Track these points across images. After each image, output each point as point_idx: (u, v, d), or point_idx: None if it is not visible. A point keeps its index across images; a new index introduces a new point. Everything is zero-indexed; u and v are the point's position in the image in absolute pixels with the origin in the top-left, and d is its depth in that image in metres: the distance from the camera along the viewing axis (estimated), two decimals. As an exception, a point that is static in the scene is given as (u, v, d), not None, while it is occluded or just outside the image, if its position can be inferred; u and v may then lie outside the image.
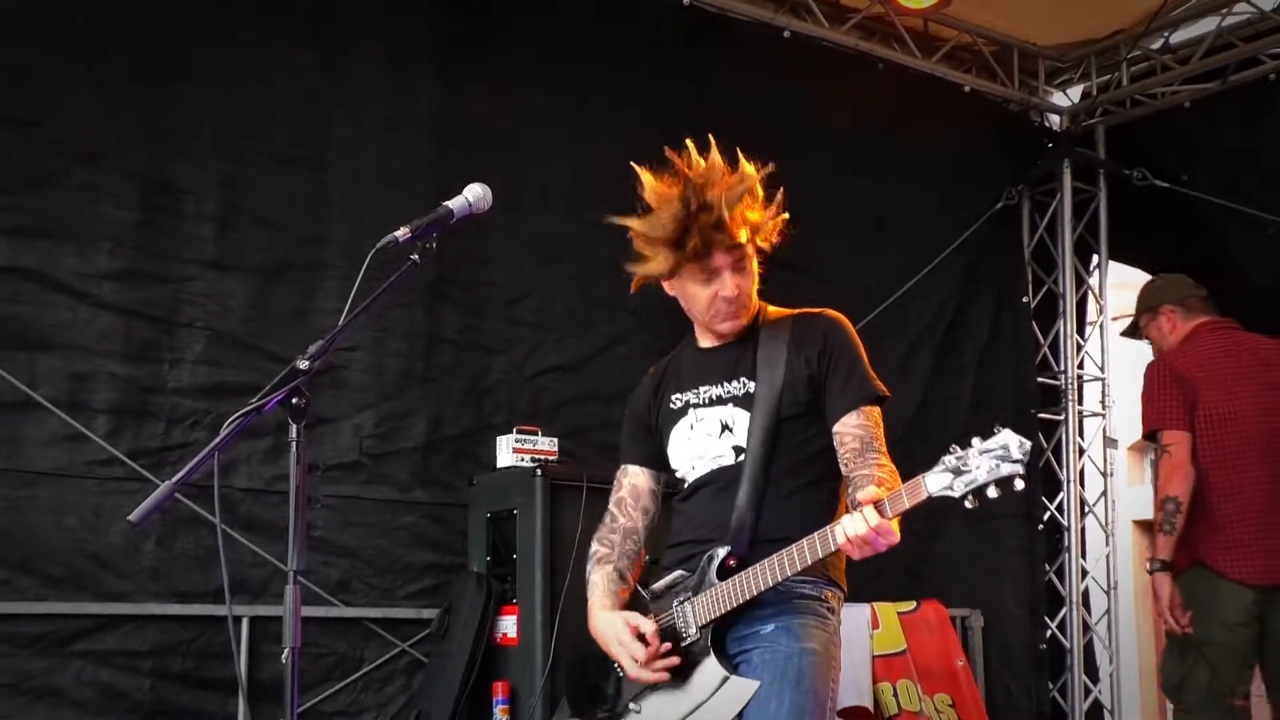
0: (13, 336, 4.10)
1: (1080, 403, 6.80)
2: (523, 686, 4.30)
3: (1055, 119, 6.93)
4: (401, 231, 2.44)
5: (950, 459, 2.31)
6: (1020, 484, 2.28)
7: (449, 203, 2.54)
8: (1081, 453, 6.74)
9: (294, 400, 2.27)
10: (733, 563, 2.63)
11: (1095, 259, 6.91)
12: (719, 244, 2.66)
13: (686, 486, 2.82)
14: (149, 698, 4.16)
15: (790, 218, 2.76)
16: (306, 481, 2.28)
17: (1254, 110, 6.14)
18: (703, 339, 2.88)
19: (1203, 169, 6.33)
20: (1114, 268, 6.95)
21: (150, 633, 4.20)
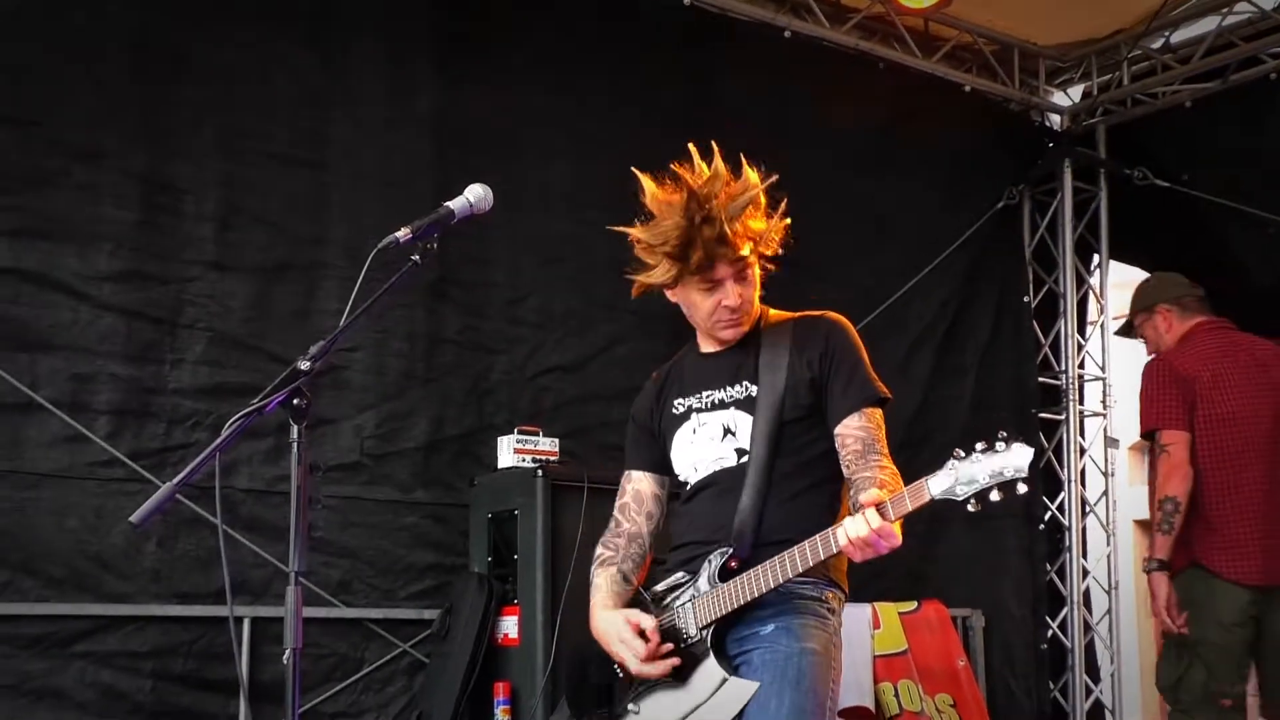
0: (13, 338, 4.10)
1: (1081, 402, 6.79)
2: (524, 687, 4.30)
3: (1056, 119, 6.93)
4: (402, 232, 2.43)
5: (954, 462, 2.32)
6: (1023, 488, 2.29)
7: (450, 203, 2.54)
8: (1082, 453, 6.74)
9: (295, 401, 2.27)
10: (734, 565, 2.63)
11: (1096, 259, 6.91)
12: (722, 257, 2.65)
13: (689, 489, 2.82)
14: (150, 699, 4.16)
15: (790, 218, 2.76)
16: (308, 482, 2.28)
17: (1255, 110, 6.14)
18: (705, 344, 2.88)
19: (1203, 168, 6.32)
20: (1115, 267, 6.95)
21: (151, 634, 4.20)
